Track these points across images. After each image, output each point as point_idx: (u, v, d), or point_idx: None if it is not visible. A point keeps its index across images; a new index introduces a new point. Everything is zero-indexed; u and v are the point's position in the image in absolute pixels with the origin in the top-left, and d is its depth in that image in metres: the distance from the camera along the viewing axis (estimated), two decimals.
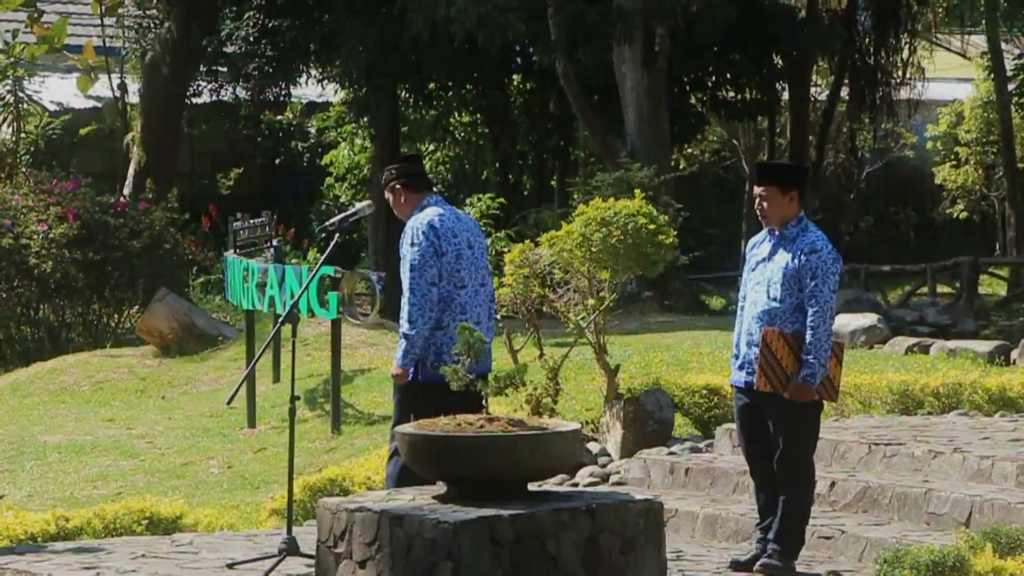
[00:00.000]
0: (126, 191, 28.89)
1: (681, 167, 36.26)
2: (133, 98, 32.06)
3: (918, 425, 11.93)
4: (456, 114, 36.43)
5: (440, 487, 7.92)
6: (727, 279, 34.84)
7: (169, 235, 24.65)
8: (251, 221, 18.99)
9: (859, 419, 12.54)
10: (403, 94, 32.60)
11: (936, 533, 8.99)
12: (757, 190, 8.98)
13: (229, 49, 30.75)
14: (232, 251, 18.07)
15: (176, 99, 30.34)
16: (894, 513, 9.63)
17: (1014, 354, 16.33)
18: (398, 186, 9.30)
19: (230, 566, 8.79)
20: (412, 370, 8.99)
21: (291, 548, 8.66)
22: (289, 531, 8.79)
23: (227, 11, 30.25)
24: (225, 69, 31.50)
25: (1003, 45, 34.80)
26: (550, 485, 10.18)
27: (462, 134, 37.61)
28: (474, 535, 7.32)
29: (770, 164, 11.20)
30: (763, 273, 8.85)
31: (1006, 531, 7.42)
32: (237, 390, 9.38)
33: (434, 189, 9.33)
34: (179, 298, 22.71)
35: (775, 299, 8.71)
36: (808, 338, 8.55)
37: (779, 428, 8.66)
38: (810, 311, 8.59)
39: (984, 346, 16.65)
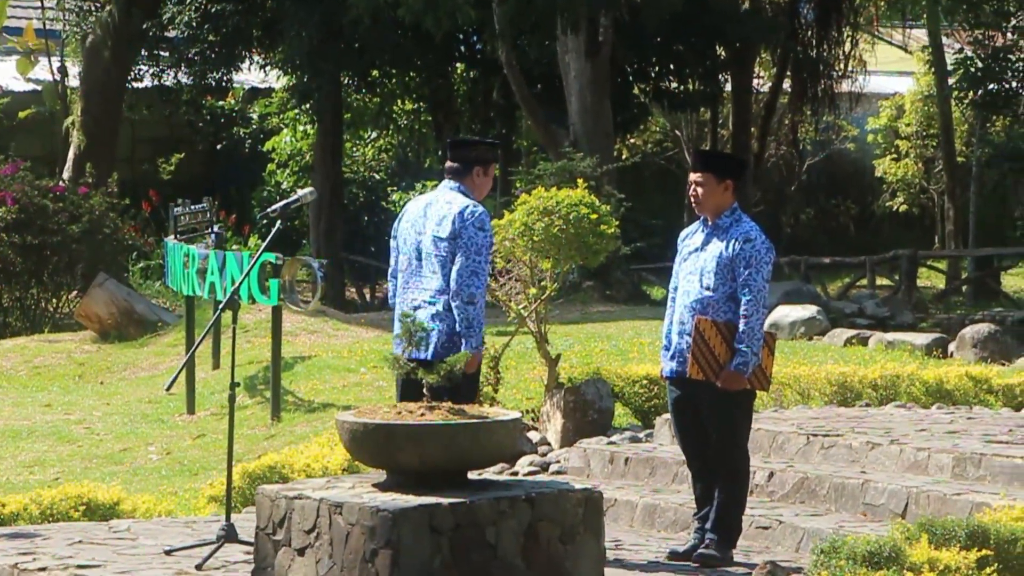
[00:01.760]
0: (65, 175, 28.71)
1: (624, 157, 36.28)
2: (73, 82, 31.86)
3: (856, 416, 12.01)
4: (399, 101, 36.37)
5: (380, 475, 7.92)
6: (669, 269, 34.95)
7: (109, 220, 24.51)
8: (192, 207, 18.91)
9: (797, 410, 12.60)
10: (346, 81, 32.53)
11: (873, 524, 9.05)
12: (693, 177, 9.02)
13: (171, 33, 30.62)
14: (172, 237, 17.99)
15: (117, 83, 30.16)
16: (831, 504, 9.68)
17: (951, 347, 16.46)
18: (492, 167, 9.09)
19: (168, 552, 8.75)
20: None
21: (229, 535, 8.63)
22: (228, 518, 8.76)
23: None
24: (167, 54, 31.37)
25: (944, 39, 35.01)
26: (490, 474, 10.19)
27: (405, 122, 37.56)
28: (413, 523, 7.32)
29: (708, 152, 11.27)
30: (696, 263, 8.89)
31: (941, 522, 7.46)
32: (176, 376, 9.33)
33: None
34: (118, 283, 22.59)
35: (708, 288, 8.75)
36: (741, 327, 8.59)
37: (712, 417, 8.70)
38: (743, 300, 8.63)
39: (922, 338, 16.77)
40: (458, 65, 34.61)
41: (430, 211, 8.84)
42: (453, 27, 25.03)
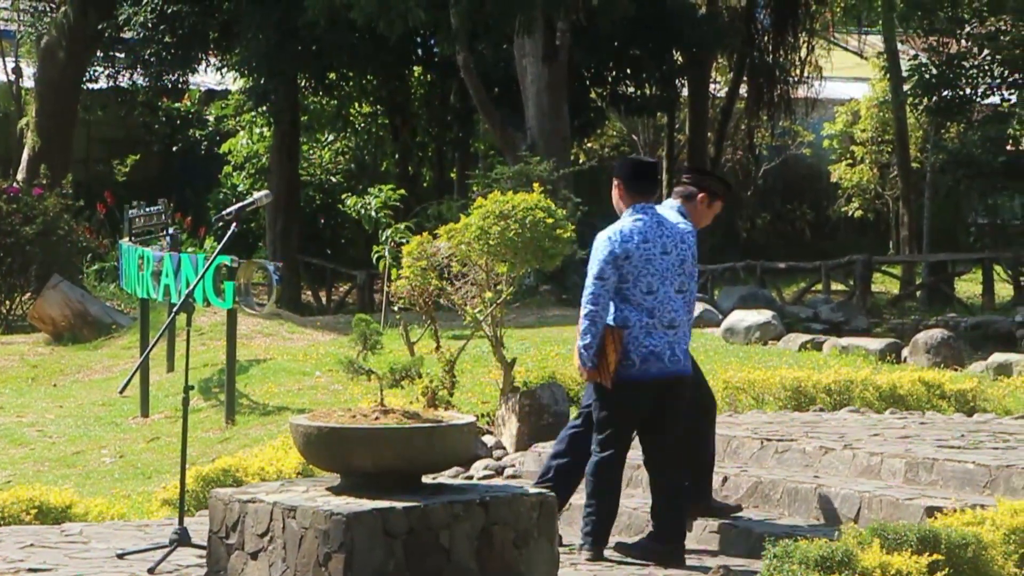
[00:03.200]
0: (20, 176, 28.58)
1: (580, 161, 36.28)
2: (28, 82, 31.73)
3: (810, 421, 12.04)
4: (356, 104, 36.35)
5: (334, 478, 7.90)
6: None
7: (63, 221, 24.41)
8: (147, 209, 18.84)
9: (752, 415, 12.63)
10: (303, 83, 32.49)
11: (825, 529, 9.07)
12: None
13: (127, 34, 30.52)
14: (127, 239, 17.92)
15: (72, 84, 30.05)
16: (784, 508, 9.70)
17: (905, 352, 16.52)
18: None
19: (120, 556, 8.71)
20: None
21: (182, 539, 8.60)
22: (181, 522, 8.73)
23: None
24: (123, 55, 31.26)
25: (899, 46, 35.19)
26: (445, 477, 10.20)
27: (362, 124, 37.54)
28: (367, 527, 7.31)
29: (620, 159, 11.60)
30: None
31: (893, 527, 7.50)
32: (130, 379, 9.30)
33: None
34: (72, 285, 22.49)
35: None
36: None
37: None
38: None
39: (876, 344, 16.83)
40: (415, 68, 34.61)
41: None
42: (405, 29, 24.99)
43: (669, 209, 9.47)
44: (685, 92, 36.82)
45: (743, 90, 38.37)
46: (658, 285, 8.93)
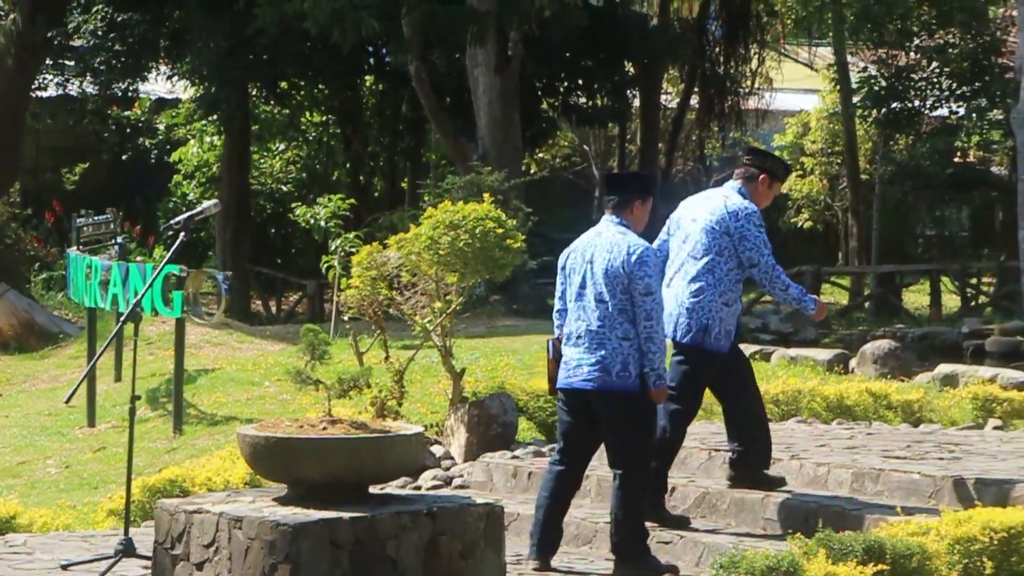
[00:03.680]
0: None
1: (532, 171, 36.33)
2: None
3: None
4: (308, 113, 36.28)
5: (281, 489, 7.88)
6: None
7: (11, 230, 24.29)
8: (95, 218, 18.76)
9: (700, 425, 12.65)
10: (254, 92, 32.41)
11: (772, 539, 9.11)
12: None
13: (77, 42, 30.37)
14: (75, 248, 17.83)
15: (21, 92, 29.86)
16: (732, 518, 9.73)
17: (853, 362, 16.59)
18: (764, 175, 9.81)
19: (64, 567, 8.66)
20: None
21: (127, 549, 8.56)
22: (126, 532, 8.69)
23: (75, 3, 29.85)
24: (72, 63, 31.12)
25: (849, 58, 35.38)
26: (392, 488, 10.18)
27: (313, 134, 37.47)
28: (313, 537, 7.29)
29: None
30: None
31: (839, 537, 7.53)
32: (76, 388, 9.26)
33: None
34: (20, 295, 22.37)
35: None
36: None
37: None
38: None
39: (824, 354, 16.90)
40: (367, 78, 34.58)
41: None
42: (359, 40, 24.98)
43: (732, 191, 9.68)
44: (636, 103, 36.90)
45: (694, 101, 38.49)
46: (569, 297, 8.98)
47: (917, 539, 7.63)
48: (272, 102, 34.41)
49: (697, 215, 9.71)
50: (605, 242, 8.85)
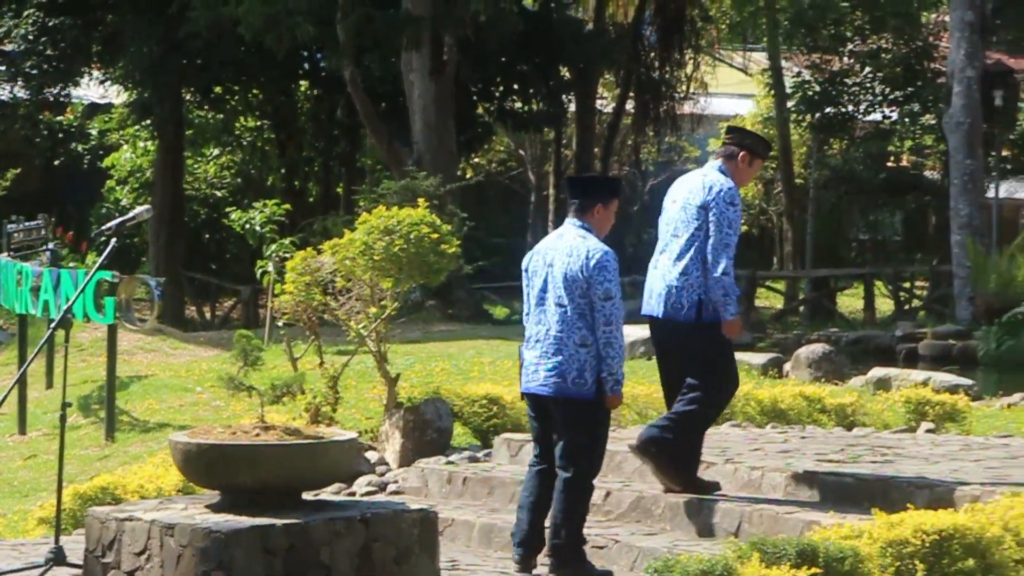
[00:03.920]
0: None
1: (467, 176, 36.35)
2: None
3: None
4: (242, 118, 36.15)
5: (214, 496, 7.83)
6: (511, 289, 35.09)
7: None
8: (27, 223, 18.60)
9: (635, 430, 12.61)
10: (188, 96, 32.26)
11: (707, 543, 9.11)
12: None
13: (7, 47, 30.14)
14: (6, 254, 17.68)
15: None
16: (667, 523, 9.73)
17: (787, 366, 16.66)
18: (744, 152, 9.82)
19: None
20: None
21: (58, 558, 8.47)
22: (57, 540, 8.60)
23: (5, 8, 29.63)
24: (3, 67, 30.87)
25: (783, 63, 35.56)
26: (327, 494, 10.14)
27: (248, 139, 37.33)
28: (246, 544, 7.25)
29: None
30: None
31: (773, 541, 7.54)
32: (7, 395, 9.17)
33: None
34: None
35: None
36: None
37: None
38: None
39: (759, 358, 16.95)
40: (302, 83, 34.49)
41: None
42: (294, 45, 24.91)
43: (712, 170, 9.73)
44: (572, 107, 36.97)
45: (630, 106, 38.60)
46: (531, 300, 8.96)
47: (850, 542, 7.65)
48: (206, 107, 34.25)
49: (677, 196, 9.83)
50: (565, 246, 8.81)
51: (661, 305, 9.69)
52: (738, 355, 17.47)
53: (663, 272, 9.76)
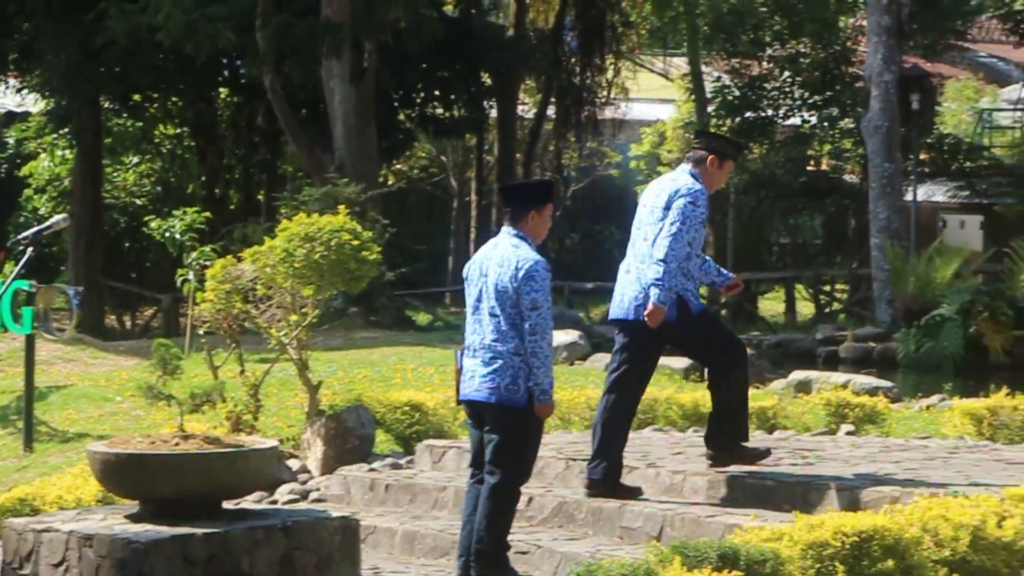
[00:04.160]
0: None
1: (390, 183, 36.26)
2: None
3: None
4: (162, 126, 35.94)
5: (134, 506, 7.78)
6: (434, 295, 35.07)
7: None
8: None
9: (557, 435, 12.67)
10: (106, 104, 32.04)
11: (629, 547, 9.13)
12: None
13: None
14: None
15: None
16: (589, 528, 9.75)
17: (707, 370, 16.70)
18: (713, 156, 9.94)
19: None
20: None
21: None
22: None
23: None
24: None
25: (703, 68, 35.73)
26: (248, 503, 10.09)
27: (168, 147, 37.13)
28: (166, 554, 7.21)
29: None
30: None
31: (694, 544, 7.57)
32: None
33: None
34: None
35: None
36: None
37: None
38: None
39: (680, 362, 17.01)
40: (221, 89, 34.32)
41: None
42: (214, 52, 24.79)
43: (682, 173, 9.83)
44: (493, 113, 36.99)
45: (551, 111, 38.66)
46: (469, 308, 8.96)
47: (771, 545, 7.69)
48: (125, 115, 34.02)
49: (647, 200, 9.96)
50: (499, 256, 8.81)
51: (640, 308, 9.76)
52: (661, 359, 17.59)
53: (638, 275, 9.84)
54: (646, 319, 9.68)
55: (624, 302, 9.89)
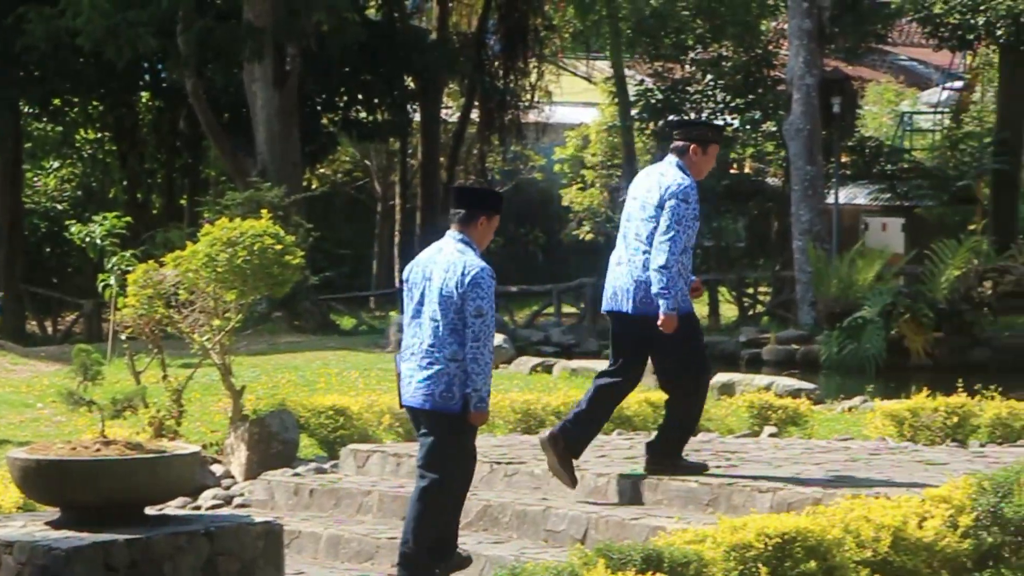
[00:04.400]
0: None
1: (313, 187, 36.17)
2: None
3: (539, 444, 12.11)
4: (82, 130, 35.69)
5: (55, 512, 7.72)
6: (358, 299, 34.97)
7: None
8: None
9: (482, 438, 12.58)
10: (26, 109, 31.79)
11: (554, 550, 9.14)
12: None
13: None
14: None
15: None
16: (513, 531, 9.76)
17: None
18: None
19: None
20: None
21: None
22: None
23: None
24: None
25: (626, 71, 35.83)
26: (171, 508, 10.03)
27: (89, 151, 36.87)
28: (88, 561, 7.16)
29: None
30: None
31: (618, 547, 7.58)
32: None
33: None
34: None
35: None
36: None
37: None
38: None
39: (605, 365, 17.04)
40: (143, 94, 34.13)
41: None
42: (135, 56, 24.64)
43: (670, 166, 9.86)
44: (417, 117, 36.96)
45: (475, 115, 38.68)
46: (409, 312, 8.91)
47: (694, 547, 7.71)
48: (45, 119, 33.76)
49: (637, 193, 9.97)
50: (443, 260, 8.74)
51: (630, 301, 9.83)
52: (585, 363, 17.69)
53: (629, 269, 9.88)
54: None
55: (617, 294, 9.92)
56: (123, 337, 13.13)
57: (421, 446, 8.74)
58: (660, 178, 9.85)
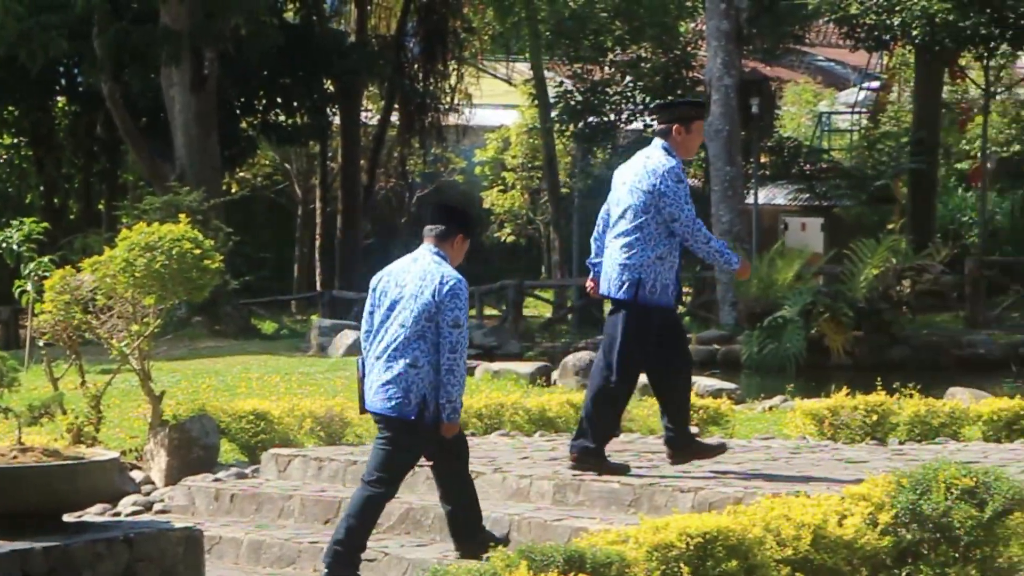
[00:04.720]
0: None
1: (233, 191, 36.01)
2: None
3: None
4: None
5: None
6: (279, 303, 34.84)
7: None
8: None
9: None
10: None
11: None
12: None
13: None
14: None
15: None
16: (436, 534, 9.74)
17: (555, 374, 16.80)
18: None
19: None
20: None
21: None
22: None
23: None
24: None
25: (546, 73, 35.91)
26: (90, 515, 9.95)
27: (4, 156, 36.55)
28: (4, 569, 7.09)
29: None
30: None
31: (540, 548, 7.58)
32: None
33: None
34: None
35: None
36: None
37: None
38: None
39: (527, 367, 17.08)
40: (59, 98, 33.87)
41: None
42: (49, 60, 24.44)
43: (655, 148, 9.91)
44: (337, 120, 36.88)
45: (395, 118, 38.63)
46: (375, 319, 8.89)
47: (616, 547, 7.72)
48: None
49: (625, 178, 10.00)
50: (419, 269, 8.77)
51: (606, 284, 9.93)
52: (507, 365, 17.66)
53: (611, 252, 9.94)
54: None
55: (604, 278, 9.99)
56: (40, 343, 13.01)
57: (373, 449, 8.76)
58: (646, 161, 9.91)
